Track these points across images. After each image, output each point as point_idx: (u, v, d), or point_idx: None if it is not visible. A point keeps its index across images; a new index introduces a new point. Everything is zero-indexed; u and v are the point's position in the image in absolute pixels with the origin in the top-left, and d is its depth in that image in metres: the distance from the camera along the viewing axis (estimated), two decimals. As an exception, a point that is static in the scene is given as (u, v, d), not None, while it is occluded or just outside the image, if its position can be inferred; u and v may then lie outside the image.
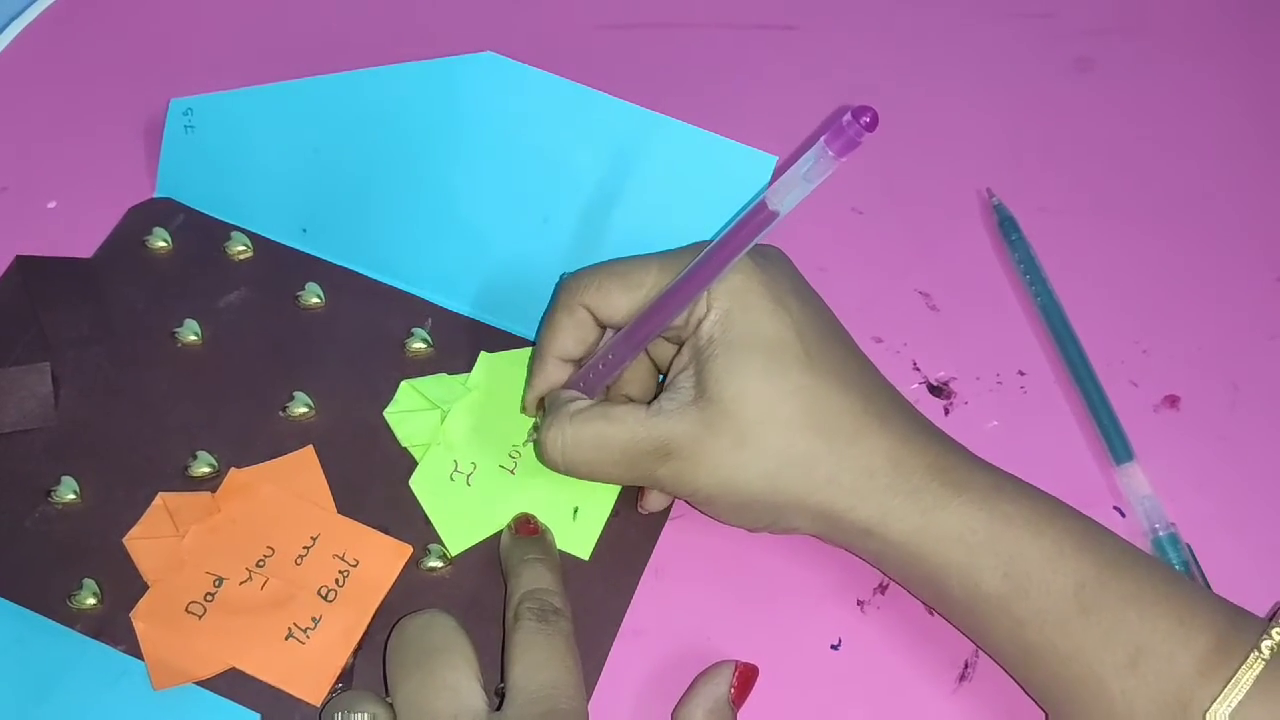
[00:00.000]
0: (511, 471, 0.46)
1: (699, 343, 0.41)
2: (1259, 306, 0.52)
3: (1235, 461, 0.48)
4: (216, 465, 0.45)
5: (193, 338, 0.48)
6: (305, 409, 0.46)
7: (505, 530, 0.44)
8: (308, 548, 0.44)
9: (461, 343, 0.49)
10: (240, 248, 0.50)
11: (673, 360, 0.42)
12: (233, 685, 0.41)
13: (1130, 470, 0.47)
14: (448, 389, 0.47)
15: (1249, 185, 0.56)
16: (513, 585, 0.41)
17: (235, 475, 0.45)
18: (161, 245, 0.50)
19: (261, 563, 0.43)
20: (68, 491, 0.44)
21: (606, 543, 0.45)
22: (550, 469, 0.43)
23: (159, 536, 0.43)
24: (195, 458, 0.45)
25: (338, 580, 0.43)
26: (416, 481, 0.45)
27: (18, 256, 0.49)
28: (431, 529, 0.44)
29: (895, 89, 0.57)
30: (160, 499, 0.44)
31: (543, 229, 0.49)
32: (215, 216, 0.51)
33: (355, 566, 0.43)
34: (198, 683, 0.41)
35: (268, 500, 0.44)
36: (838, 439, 0.40)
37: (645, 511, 0.45)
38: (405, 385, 0.47)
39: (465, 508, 0.45)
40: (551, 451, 0.42)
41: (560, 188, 0.48)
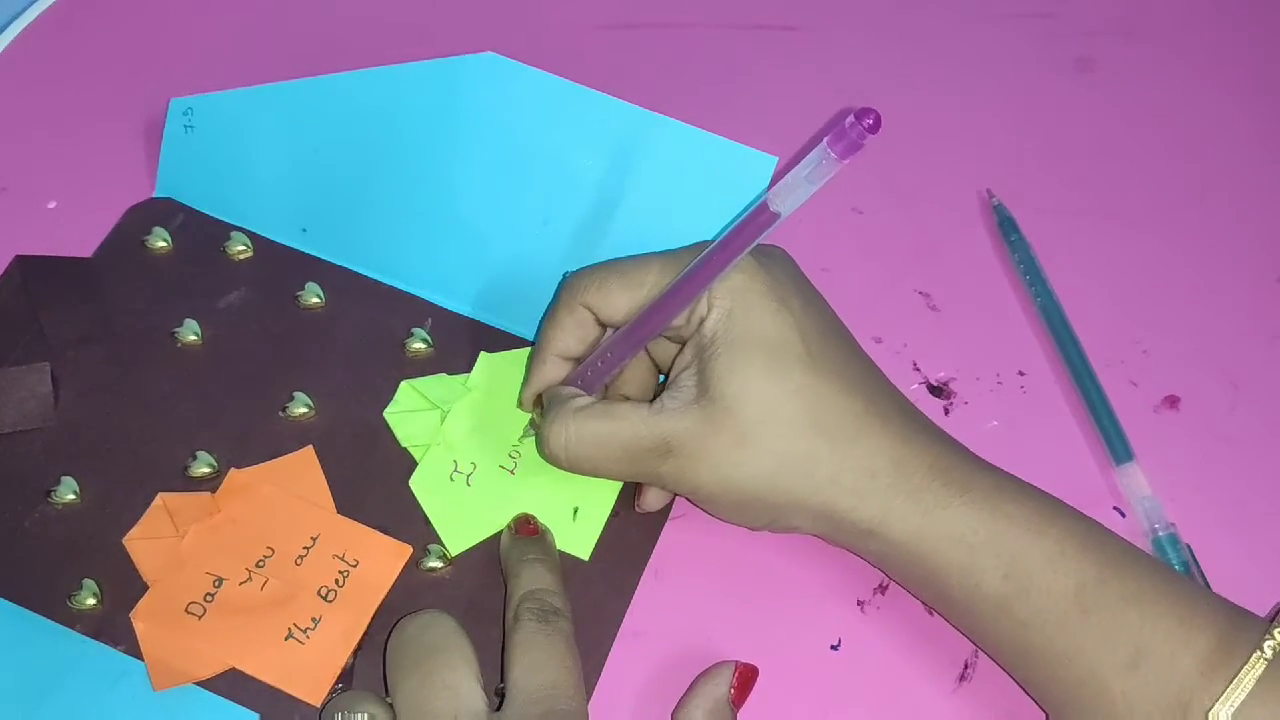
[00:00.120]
0: (511, 472, 0.46)
1: (702, 341, 0.41)
2: (1259, 306, 0.52)
3: (1235, 461, 0.48)
4: (216, 465, 0.45)
5: (193, 338, 0.48)
6: (305, 409, 0.46)
7: (505, 531, 0.44)
8: (308, 548, 0.44)
9: (461, 343, 0.49)
10: (240, 248, 0.50)
11: (675, 359, 0.42)
12: (232, 685, 0.41)
13: (1130, 470, 0.47)
14: (448, 389, 0.47)
15: (1249, 185, 0.56)
16: (513, 585, 0.41)
17: (235, 475, 0.45)
18: (161, 245, 0.50)
19: (261, 563, 0.43)
20: (67, 492, 0.44)
21: (606, 543, 0.45)
22: (552, 464, 0.43)
23: (159, 537, 0.43)
24: (195, 458, 0.45)
25: (337, 580, 0.43)
26: (416, 482, 0.45)
27: (18, 256, 0.49)
28: (431, 529, 0.44)
29: (895, 89, 0.57)
30: (160, 499, 0.44)
31: (542, 229, 0.49)
32: (215, 216, 0.51)
33: (355, 567, 0.43)
34: (198, 683, 0.41)
35: (268, 500, 0.44)
36: (839, 439, 0.40)
37: (643, 511, 0.45)
38: (405, 385, 0.47)
39: (465, 508, 0.45)
40: (554, 447, 0.42)
41: (560, 188, 0.48)
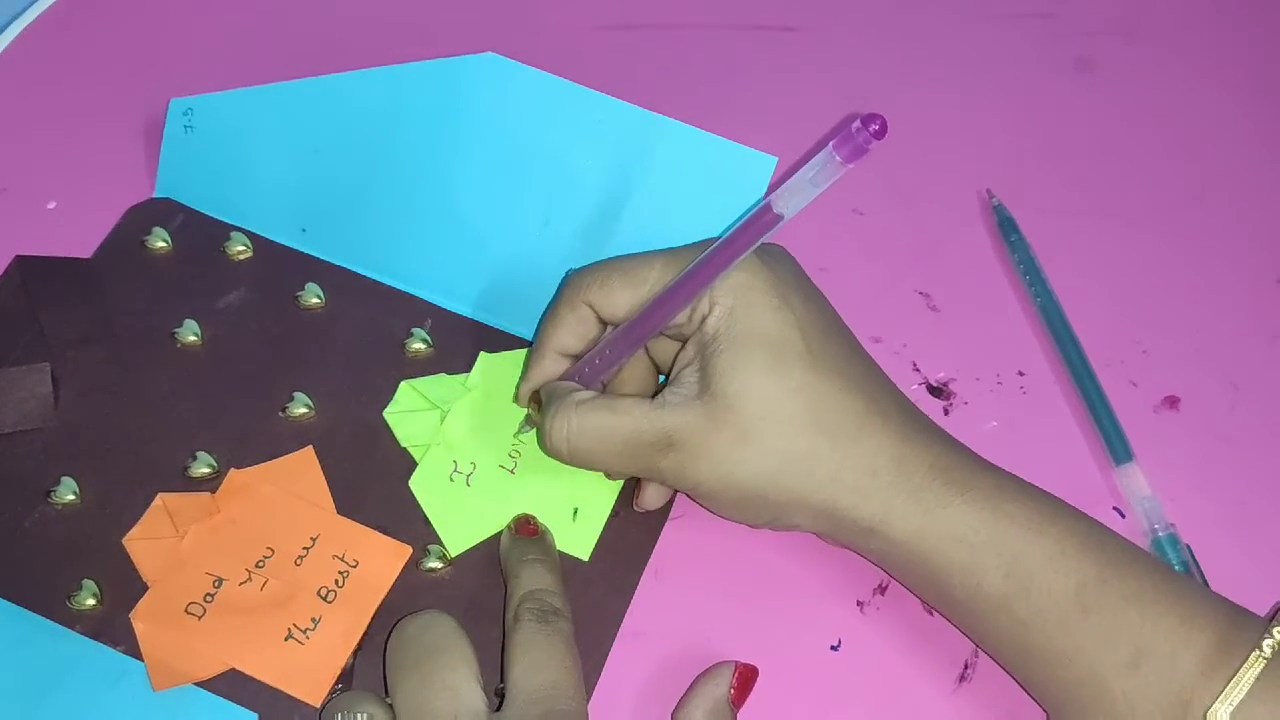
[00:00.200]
0: (511, 472, 0.46)
1: (704, 338, 0.41)
2: (1259, 306, 0.52)
3: (1235, 462, 0.48)
4: (216, 466, 0.45)
5: (192, 338, 0.48)
6: (305, 409, 0.46)
7: (505, 531, 0.44)
8: (307, 548, 0.44)
9: (461, 343, 0.49)
10: (240, 248, 0.50)
11: (677, 355, 0.42)
12: (232, 686, 0.41)
13: (1130, 471, 0.47)
14: (447, 389, 0.47)
15: (1249, 185, 0.56)
16: (513, 586, 0.41)
17: (235, 476, 0.45)
18: (161, 245, 0.50)
19: (261, 563, 0.43)
20: (67, 492, 0.44)
21: (606, 543, 0.45)
22: (553, 458, 0.43)
23: (159, 537, 0.43)
24: (195, 458, 0.45)
25: (337, 581, 0.43)
26: (416, 482, 0.45)
27: (18, 256, 0.49)
28: (431, 529, 0.44)
29: (895, 89, 0.57)
30: (160, 499, 0.44)
31: (542, 230, 0.49)
32: (215, 216, 0.51)
33: (355, 567, 0.43)
34: (197, 683, 0.41)
35: (267, 501, 0.44)
36: (840, 437, 0.40)
37: (642, 509, 0.45)
38: (405, 385, 0.47)
39: (465, 508, 0.45)
40: (556, 440, 0.42)
41: (560, 188, 0.48)
